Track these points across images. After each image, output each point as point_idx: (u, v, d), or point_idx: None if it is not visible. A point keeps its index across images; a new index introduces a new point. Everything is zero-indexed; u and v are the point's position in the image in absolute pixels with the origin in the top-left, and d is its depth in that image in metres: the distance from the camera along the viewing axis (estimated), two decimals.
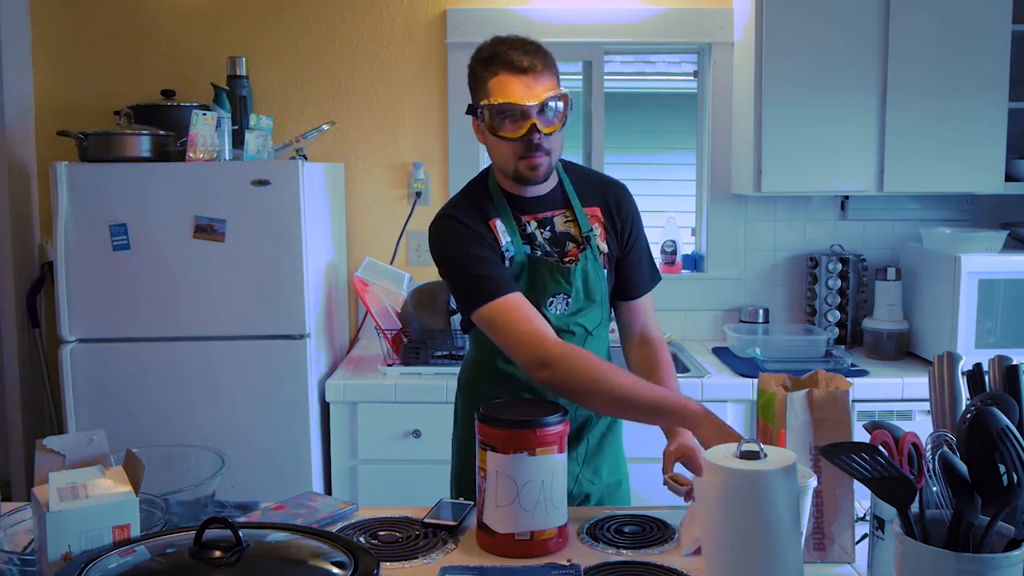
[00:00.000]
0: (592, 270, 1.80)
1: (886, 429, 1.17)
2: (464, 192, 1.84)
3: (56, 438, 1.27)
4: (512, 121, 1.67)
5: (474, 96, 1.75)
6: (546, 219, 1.80)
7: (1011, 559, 1.07)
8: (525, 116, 1.66)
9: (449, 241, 1.74)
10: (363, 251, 3.34)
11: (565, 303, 1.78)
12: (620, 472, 1.94)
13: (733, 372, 2.86)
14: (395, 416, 2.76)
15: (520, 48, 1.68)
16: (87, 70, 3.28)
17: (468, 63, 1.76)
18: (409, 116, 3.35)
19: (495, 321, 1.65)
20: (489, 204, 1.78)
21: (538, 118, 1.66)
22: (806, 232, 3.38)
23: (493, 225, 1.76)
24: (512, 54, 1.67)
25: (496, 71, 1.68)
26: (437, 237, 1.77)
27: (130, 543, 1.14)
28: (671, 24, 3.28)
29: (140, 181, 2.64)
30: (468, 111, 1.76)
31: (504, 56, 1.67)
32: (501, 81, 1.67)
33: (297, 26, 3.30)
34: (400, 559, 1.44)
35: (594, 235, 1.82)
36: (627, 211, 1.87)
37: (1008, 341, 2.85)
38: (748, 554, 1.19)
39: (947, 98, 2.94)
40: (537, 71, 1.67)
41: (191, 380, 2.70)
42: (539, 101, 1.66)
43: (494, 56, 1.69)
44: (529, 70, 1.66)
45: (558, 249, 1.79)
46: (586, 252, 1.79)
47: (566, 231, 1.81)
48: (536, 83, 1.67)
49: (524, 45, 1.69)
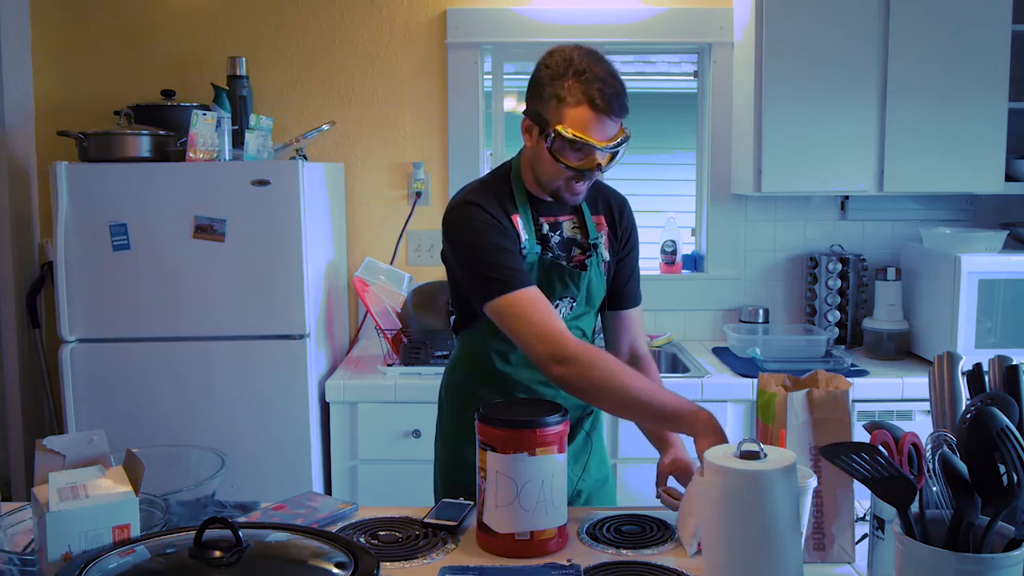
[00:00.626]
0: (596, 277, 1.83)
1: (886, 429, 1.17)
2: (486, 183, 1.82)
3: (56, 438, 1.27)
4: (578, 154, 1.67)
5: (541, 104, 1.68)
6: (557, 223, 1.82)
7: (1011, 559, 1.07)
8: (592, 152, 1.66)
9: (473, 227, 1.71)
10: (363, 251, 3.34)
11: (570, 307, 1.81)
12: (606, 468, 1.97)
13: (733, 372, 2.86)
14: (395, 416, 2.76)
15: (611, 87, 1.64)
16: (87, 70, 3.28)
17: (544, 63, 1.69)
18: (409, 116, 3.35)
19: (513, 313, 1.64)
20: (510, 200, 1.78)
21: (602, 156, 1.68)
22: (806, 232, 3.38)
23: (515, 220, 1.76)
24: (603, 94, 1.63)
25: (580, 102, 1.64)
26: (459, 222, 1.73)
27: (130, 543, 1.14)
28: (671, 24, 3.28)
29: (140, 181, 2.64)
30: (529, 115, 1.71)
31: (591, 93, 1.63)
32: (582, 116, 1.64)
33: (297, 26, 3.30)
34: (400, 559, 1.44)
35: (600, 243, 1.84)
36: (627, 223, 1.90)
37: (1008, 341, 2.85)
38: (748, 554, 1.19)
39: (947, 98, 2.94)
40: (618, 115, 1.66)
41: (191, 380, 2.70)
42: (613, 145, 1.67)
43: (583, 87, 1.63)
44: (616, 113, 1.65)
45: (565, 253, 1.81)
46: (592, 259, 1.81)
47: (573, 236, 1.83)
48: (614, 126, 1.67)
49: (614, 85, 1.65)
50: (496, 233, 1.70)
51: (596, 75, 1.63)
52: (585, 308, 1.83)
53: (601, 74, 1.64)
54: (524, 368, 1.80)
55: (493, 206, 1.73)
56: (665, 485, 1.70)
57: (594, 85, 1.63)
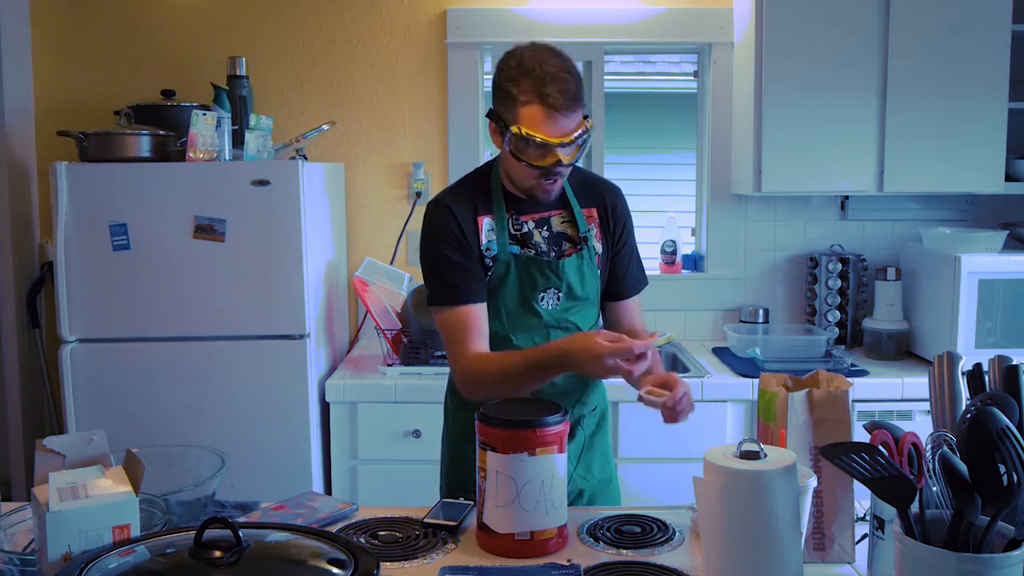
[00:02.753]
0: (587, 269, 1.83)
1: (886, 429, 1.17)
2: (463, 182, 1.86)
3: (56, 438, 1.27)
4: (537, 151, 1.67)
5: (499, 105, 1.71)
6: (544, 219, 1.83)
7: (1011, 559, 1.07)
8: (551, 149, 1.67)
9: (431, 232, 1.79)
10: (363, 251, 3.34)
11: (556, 298, 1.81)
12: (610, 469, 1.96)
13: (733, 372, 2.86)
14: (395, 416, 2.76)
15: (559, 83, 1.64)
16: (87, 70, 3.28)
17: (499, 65, 1.72)
18: (409, 116, 3.35)
19: (442, 328, 1.79)
20: (484, 200, 1.80)
21: (563, 152, 1.67)
22: (806, 232, 3.38)
23: (480, 222, 1.78)
24: (551, 91, 1.64)
25: (532, 101, 1.65)
26: (425, 221, 1.82)
27: (130, 543, 1.14)
28: (671, 24, 3.28)
29: (140, 181, 2.64)
30: (489, 115, 1.73)
31: (541, 90, 1.64)
32: (533, 114, 1.65)
33: (297, 26, 3.30)
34: (400, 559, 1.44)
35: (591, 236, 1.84)
36: (620, 213, 1.90)
37: (1008, 341, 2.85)
38: (748, 554, 1.19)
39: (947, 98, 2.94)
40: (571, 109, 1.66)
41: (191, 380, 2.70)
42: (569, 140, 1.67)
43: (532, 85, 1.65)
44: (565, 108, 1.65)
45: (556, 248, 1.81)
46: (582, 252, 1.82)
47: (563, 231, 1.83)
48: (568, 121, 1.67)
49: (564, 80, 1.65)
50: (450, 245, 1.76)
51: (546, 72, 1.65)
52: (576, 300, 1.82)
53: (551, 70, 1.65)
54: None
55: (463, 207, 1.77)
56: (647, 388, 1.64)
57: (545, 82, 1.64)
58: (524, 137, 1.66)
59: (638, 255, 1.95)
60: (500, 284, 1.78)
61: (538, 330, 1.80)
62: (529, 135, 1.65)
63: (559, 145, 1.66)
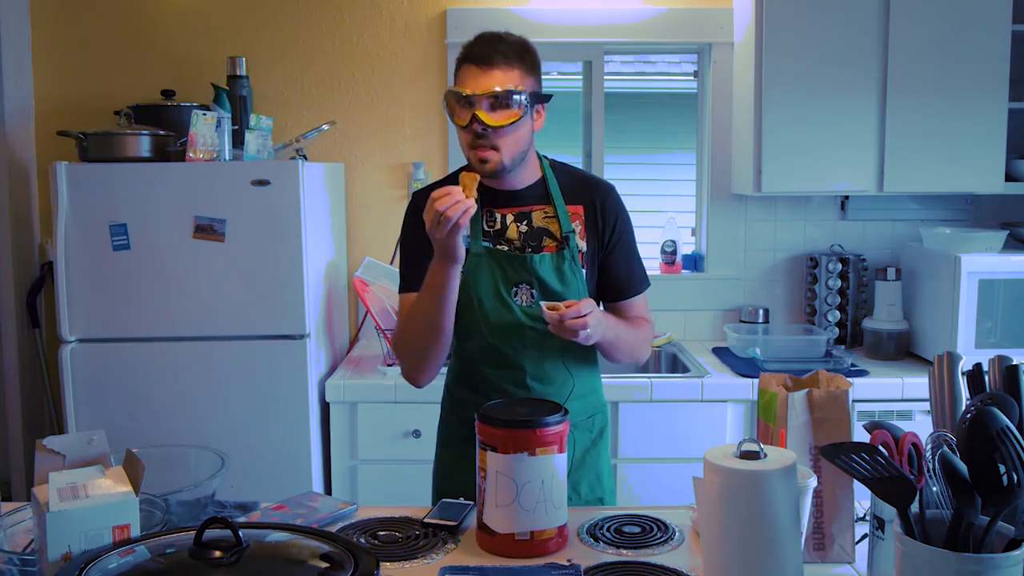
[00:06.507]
0: (568, 269, 1.80)
1: (886, 429, 1.17)
2: (450, 176, 1.88)
3: (56, 438, 1.27)
4: (461, 109, 1.70)
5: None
6: (523, 213, 1.82)
7: (1011, 559, 1.07)
8: (471, 105, 1.68)
9: (407, 220, 1.88)
10: (363, 251, 3.34)
11: (530, 293, 1.79)
12: (601, 490, 1.89)
13: (733, 372, 2.86)
14: (395, 416, 2.76)
15: (489, 41, 1.71)
16: (87, 70, 3.28)
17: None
18: (409, 116, 3.35)
19: (399, 310, 1.85)
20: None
21: (482, 108, 1.68)
22: (806, 232, 3.38)
23: None
24: (476, 45, 1.71)
25: (461, 60, 1.73)
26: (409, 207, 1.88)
27: (130, 543, 1.14)
28: (671, 24, 3.28)
29: (140, 181, 2.64)
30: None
31: (469, 47, 1.72)
32: (461, 72, 1.72)
33: (297, 26, 3.30)
34: (400, 559, 1.44)
35: (574, 234, 1.82)
36: (611, 210, 1.86)
37: (1008, 341, 2.85)
38: (748, 554, 1.19)
39: (947, 98, 2.94)
40: (494, 63, 1.68)
41: (191, 380, 2.70)
42: (484, 91, 1.67)
43: (465, 46, 1.73)
44: (485, 60, 1.68)
45: (533, 243, 1.80)
46: (564, 251, 1.80)
47: (544, 227, 1.82)
48: (488, 76, 1.68)
49: (494, 39, 1.71)
50: (407, 235, 1.85)
51: (481, 36, 1.72)
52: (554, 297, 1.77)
53: (487, 33, 1.73)
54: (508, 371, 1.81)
55: None
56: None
57: (474, 41, 1.72)
58: (450, 93, 1.71)
59: (639, 258, 1.92)
60: (471, 277, 1.78)
61: (514, 327, 1.78)
62: (452, 89, 1.71)
63: (482, 98, 1.67)
